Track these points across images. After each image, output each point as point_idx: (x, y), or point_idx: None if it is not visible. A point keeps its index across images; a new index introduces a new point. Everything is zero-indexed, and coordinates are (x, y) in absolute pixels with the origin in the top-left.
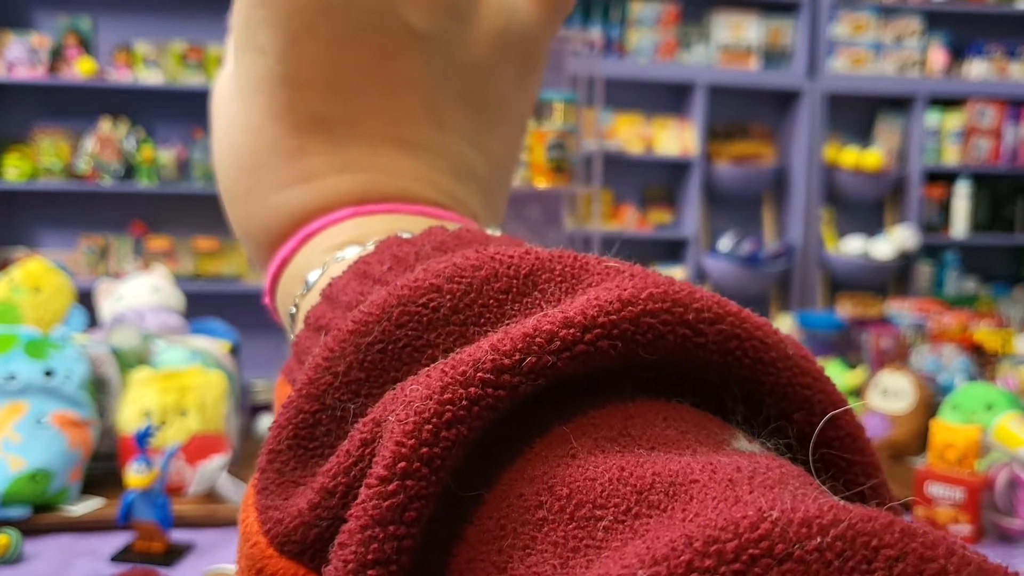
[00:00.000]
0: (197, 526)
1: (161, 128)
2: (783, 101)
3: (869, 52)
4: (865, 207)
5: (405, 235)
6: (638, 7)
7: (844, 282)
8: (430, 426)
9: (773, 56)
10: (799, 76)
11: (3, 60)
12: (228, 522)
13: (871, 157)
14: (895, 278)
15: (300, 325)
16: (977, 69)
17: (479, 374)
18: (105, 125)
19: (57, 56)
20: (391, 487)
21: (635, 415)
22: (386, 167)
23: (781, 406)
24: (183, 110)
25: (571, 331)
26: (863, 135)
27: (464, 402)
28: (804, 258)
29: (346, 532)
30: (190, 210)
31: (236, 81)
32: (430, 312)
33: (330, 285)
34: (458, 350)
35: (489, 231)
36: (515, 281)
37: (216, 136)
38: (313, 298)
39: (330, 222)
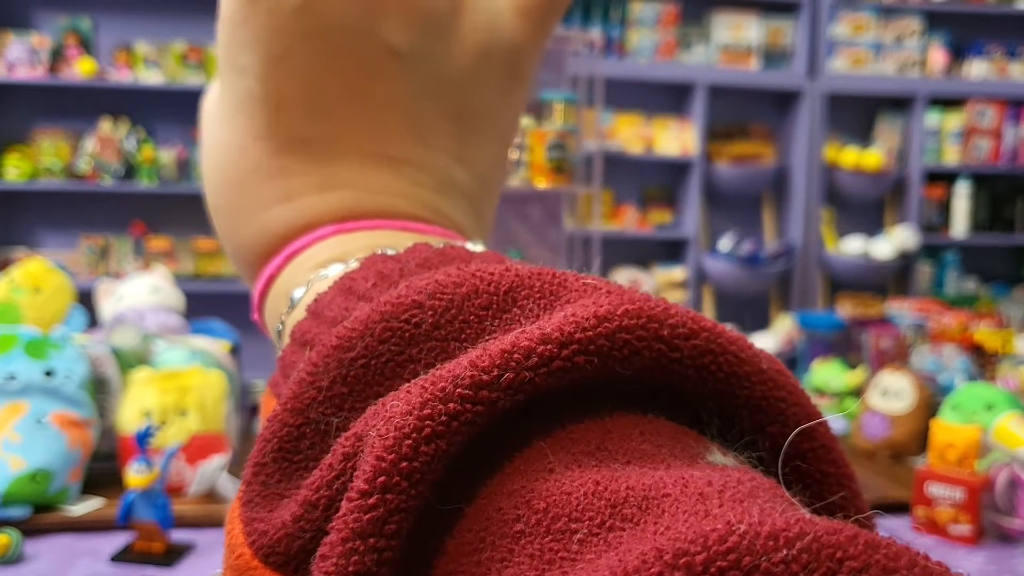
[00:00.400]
0: (197, 526)
1: (161, 128)
2: (783, 101)
3: (869, 52)
4: (865, 207)
5: (389, 251)
6: (638, 7)
7: (844, 282)
8: (410, 441)
9: (773, 56)
10: (799, 76)
11: (3, 60)
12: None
13: (871, 157)
14: (895, 278)
15: (286, 340)
16: (977, 69)
17: (458, 390)
18: (105, 125)
19: (57, 56)
20: (371, 500)
21: (612, 429)
22: (368, 184)
23: (756, 419)
24: (183, 110)
25: (548, 347)
26: (863, 135)
27: (443, 417)
28: (804, 258)
29: (327, 544)
30: (190, 210)
31: (221, 101)
32: (412, 328)
33: (316, 301)
34: (439, 366)
35: (471, 246)
36: (495, 297)
37: (204, 153)
38: (299, 314)
39: (313, 240)
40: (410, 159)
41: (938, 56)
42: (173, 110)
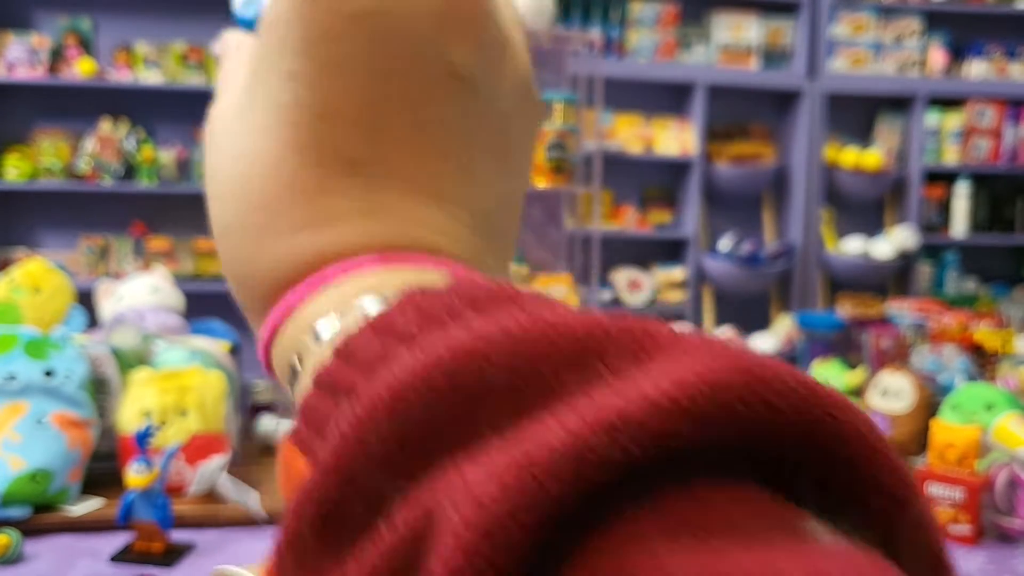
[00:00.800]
0: (197, 526)
1: (161, 128)
2: (783, 101)
3: (869, 52)
4: (865, 207)
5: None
6: (638, 7)
7: (844, 282)
8: (497, 519)
9: (773, 56)
10: (799, 76)
11: (3, 60)
12: (228, 522)
13: (871, 157)
14: (895, 278)
15: (306, 381)
16: (977, 69)
17: (558, 462)
18: (105, 125)
19: (57, 56)
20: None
21: (708, 500)
22: (414, 217)
23: (854, 488)
24: (183, 110)
25: (657, 416)
26: (863, 135)
27: (537, 495)
28: (804, 258)
29: None
30: (190, 210)
31: (253, 110)
32: (480, 384)
33: (345, 342)
34: (517, 428)
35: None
36: (575, 351)
37: (215, 167)
38: (322, 354)
39: (350, 268)
40: (458, 197)
41: (938, 56)
42: (173, 110)
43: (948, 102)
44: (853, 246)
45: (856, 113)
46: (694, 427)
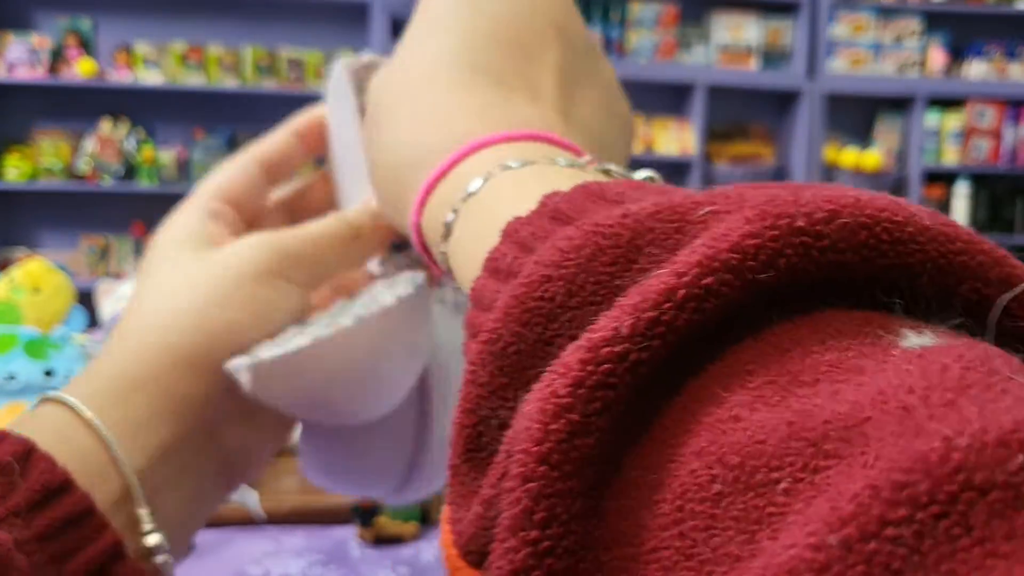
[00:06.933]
0: None
1: (161, 128)
2: (782, 101)
3: (868, 52)
4: None
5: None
6: (637, 8)
7: None
8: (539, 425)
9: (772, 56)
10: (798, 76)
11: (3, 61)
12: (228, 522)
13: (870, 157)
14: None
15: (458, 234)
16: (976, 69)
17: (604, 350)
18: (105, 125)
19: (57, 57)
20: (516, 494)
21: (787, 346)
22: (542, 118)
23: (941, 282)
24: (183, 110)
25: (684, 280)
26: (862, 135)
27: (580, 391)
28: None
29: (493, 545)
30: None
31: (433, 36)
32: (547, 303)
33: (511, 224)
34: (582, 333)
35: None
36: (619, 251)
37: (395, 80)
38: (478, 227)
39: (495, 140)
40: (571, 113)
41: (937, 56)
42: (173, 110)
43: (948, 102)
44: None
45: (856, 113)
46: (732, 280)
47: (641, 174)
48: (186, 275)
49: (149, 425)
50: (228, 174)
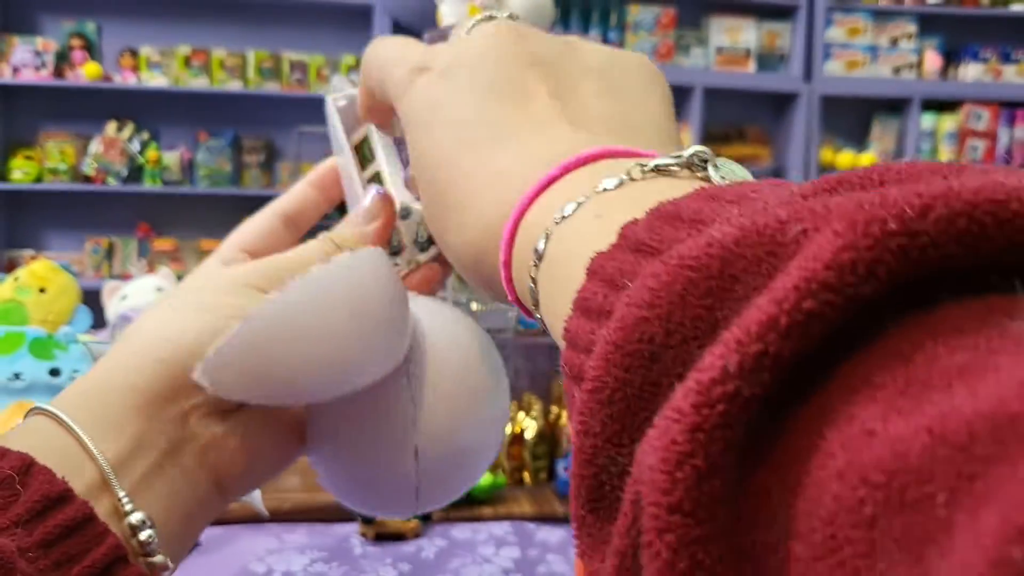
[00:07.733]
0: None
1: (166, 131)
2: (779, 104)
3: (864, 55)
4: None
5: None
6: (636, 11)
7: None
8: (665, 472)
9: (769, 59)
10: (795, 79)
11: (10, 64)
12: (232, 519)
13: (866, 159)
14: None
15: (549, 261)
16: (971, 72)
17: (716, 390)
18: (111, 128)
19: (63, 60)
20: (655, 548)
21: (908, 353)
22: (596, 135)
23: None
24: (188, 113)
25: (789, 306)
26: (858, 137)
27: (700, 433)
28: None
29: None
30: (195, 212)
31: (496, 68)
32: (647, 344)
33: (594, 260)
34: (690, 372)
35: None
36: (712, 282)
37: (440, 129)
38: (568, 231)
39: (580, 162)
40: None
41: (933, 59)
42: (178, 113)
43: (943, 105)
44: None
45: (851, 115)
46: (840, 299)
47: (690, 151)
48: (175, 295)
49: (121, 417)
50: (248, 227)
